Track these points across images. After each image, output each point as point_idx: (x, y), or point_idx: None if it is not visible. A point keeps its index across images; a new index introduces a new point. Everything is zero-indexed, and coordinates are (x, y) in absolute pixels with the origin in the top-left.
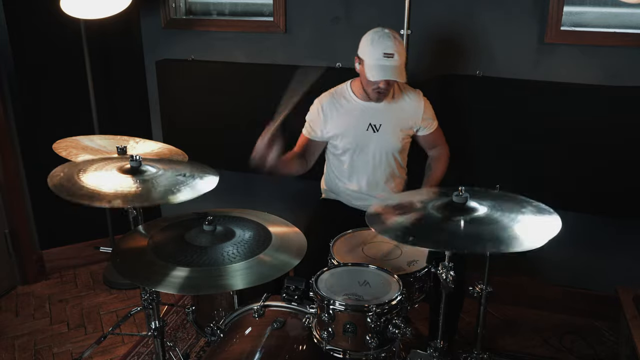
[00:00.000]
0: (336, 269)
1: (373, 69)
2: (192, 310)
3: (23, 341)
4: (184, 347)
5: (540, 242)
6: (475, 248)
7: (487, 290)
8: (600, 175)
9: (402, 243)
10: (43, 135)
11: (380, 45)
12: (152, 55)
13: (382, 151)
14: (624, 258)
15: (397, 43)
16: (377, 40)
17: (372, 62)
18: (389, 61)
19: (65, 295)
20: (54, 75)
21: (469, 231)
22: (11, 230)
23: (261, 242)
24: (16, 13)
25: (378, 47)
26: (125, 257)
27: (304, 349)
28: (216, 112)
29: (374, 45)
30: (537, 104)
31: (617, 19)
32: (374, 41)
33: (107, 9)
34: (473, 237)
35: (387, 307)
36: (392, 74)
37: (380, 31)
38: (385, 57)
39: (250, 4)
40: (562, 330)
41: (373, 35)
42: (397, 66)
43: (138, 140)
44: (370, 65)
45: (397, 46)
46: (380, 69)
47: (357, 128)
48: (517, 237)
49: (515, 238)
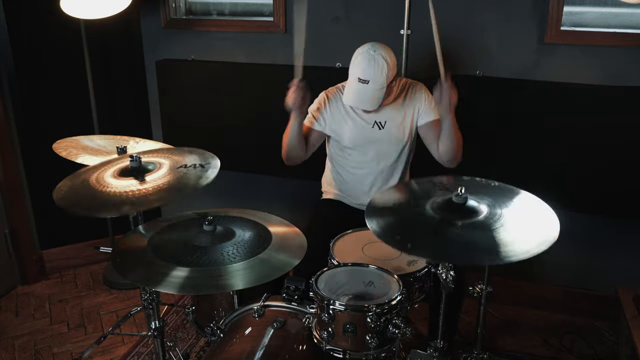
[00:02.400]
0: (336, 269)
1: (347, 91)
2: (192, 310)
3: (23, 341)
4: (184, 347)
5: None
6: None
7: (487, 290)
8: (600, 175)
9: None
10: (43, 135)
11: (357, 68)
12: (152, 55)
13: (387, 148)
14: (624, 258)
15: (376, 68)
16: (357, 60)
17: (348, 82)
18: (362, 86)
19: (65, 295)
20: (54, 75)
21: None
22: (11, 230)
23: (261, 242)
24: (16, 13)
25: (356, 69)
26: (125, 257)
27: (304, 349)
28: (216, 112)
29: (353, 66)
30: (537, 104)
31: (617, 19)
32: (354, 61)
33: (107, 9)
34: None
35: (387, 307)
36: (361, 101)
37: (365, 52)
38: (359, 82)
39: (250, 4)
40: (562, 330)
41: (358, 53)
42: (369, 92)
43: (138, 140)
44: (347, 85)
45: (374, 72)
46: (352, 94)
47: (363, 126)
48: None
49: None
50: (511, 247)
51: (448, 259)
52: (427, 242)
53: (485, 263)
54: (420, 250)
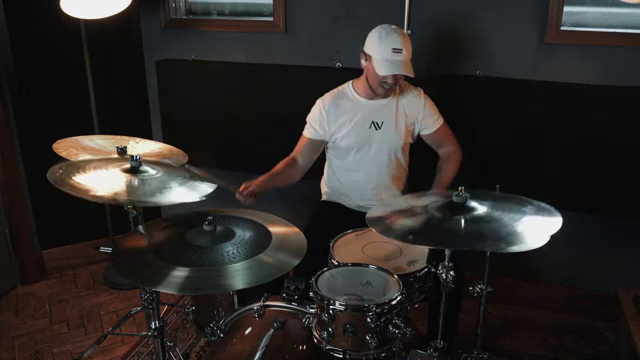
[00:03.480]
0: (336, 269)
1: (382, 64)
2: (192, 310)
3: (23, 341)
4: (184, 347)
5: (542, 241)
6: (475, 246)
7: (487, 290)
8: (600, 175)
9: (402, 241)
10: (43, 135)
11: (388, 41)
12: (152, 55)
13: (384, 149)
14: (624, 258)
15: (405, 39)
16: (385, 36)
17: (381, 57)
18: (397, 56)
19: (65, 295)
20: (54, 75)
21: (469, 229)
22: (11, 230)
23: (261, 242)
24: (16, 13)
25: (387, 42)
26: (125, 257)
27: (304, 349)
28: (216, 112)
29: (383, 41)
30: (537, 104)
31: (617, 19)
32: (382, 37)
33: (107, 9)
34: (473, 235)
35: (387, 307)
36: (400, 68)
37: (387, 27)
38: (394, 53)
39: (250, 4)
40: (562, 330)
41: (381, 32)
42: (405, 61)
43: (138, 140)
44: (379, 61)
45: (404, 42)
46: (389, 64)
47: (360, 126)
48: (517, 235)
49: (515, 236)
50: (513, 236)
51: (449, 244)
52: (428, 233)
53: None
54: (422, 239)
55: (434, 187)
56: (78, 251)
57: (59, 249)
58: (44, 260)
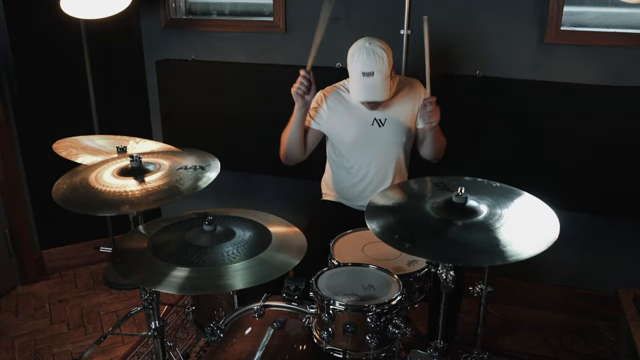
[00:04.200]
0: (336, 269)
1: (354, 89)
2: (192, 310)
3: (23, 341)
4: (184, 347)
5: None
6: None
7: (487, 290)
8: (600, 175)
9: (398, 250)
10: (43, 135)
11: (358, 63)
12: (152, 55)
13: (387, 146)
14: (624, 258)
15: (377, 59)
16: (356, 56)
17: (353, 81)
18: (368, 80)
19: (65, 295)
20: (54, 75)
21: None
22: (11, 230)
23: (261, 242)
24: (16, 13)
25: (356, 64)
26: (125, 257)
27: (304, 349)
28: (216, 112)
29: (353, 62)
30: (537, 104)
31: (617, 19)
32: (353, 57)
33: (107, 9)
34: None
35: (387, 307)
36: (372, 94)
37: (361, 46)
38: (364, 76)
39: (250, 4)
40: (562, 330)
41: (354, 50)
42: (377, 84)
43: (138, 140)
44: (352, 84)
45: (375, 63)
46: (360, 89)
47: (363, 123)
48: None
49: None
50: (510, 247)
51: (446, 259)
52: (425, 242)
53: (484, 264)
54: (419, 250)
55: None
56: (78, 251)
57: (59, 249)
58: (44, 260)
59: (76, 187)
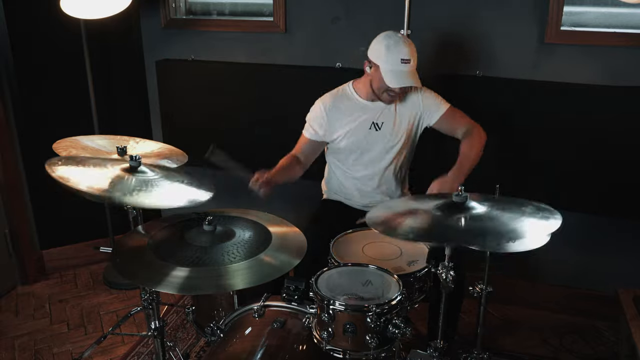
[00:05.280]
0: (336, 269)
1: (390, 75)
2: (192, 310)
3: (23, 341)
4: (184, 347)
5: (542, 241)
6: (475, 243)
7: (487, 290)
8: (600, 175)
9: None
10: (43, 135)
11: (397, 51)
12: (152, 55)
13: (386, 149)
14: (624, 258)
15: (412, 48)
16: (393, 46)
17: (389, 68)
18: (406, 67)
19: (65, 295)
20: (54, 75)
21: (469, 226)
22: (11, 230)
23: (261, 242)
24: (16, 13)
25: (395, 53)
26: (125, 257)
27: (304, 349)
28: (216, 112)
29: (391, 51)
30: (537, 104)
31: (617, 19)
32: (390, 47)
33: (107, 9)
34: (474, 232)
35: (387, 307)
36: (410, 80)
37: (394, 36)
38: (402, 63)
39: (250, 4)
40: (562, 330)
41: (388, 41)
42: (413, 71)
43: (138, 140)
44: (387, 71)
45: (412, 52)
46: (398, 75)
47: (361, 127)
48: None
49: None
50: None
51: (449, 241)
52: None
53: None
54: (423, 236)
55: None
56: (78, 251)
57: (59, 249)
58: (44, 260)
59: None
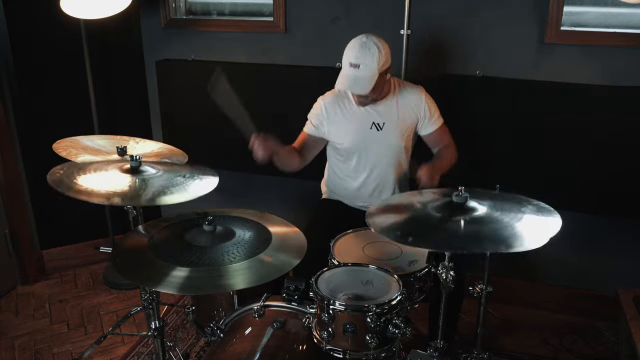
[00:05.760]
0: (336, 269)
1: (339, 77)
2: (192, 310)
3: (23, 341)
4: (184, 347)
5: (541, 242)
6: (474, 248)
7: (487, 290)
8: (600, 175)
9: (401, 243)
10: (43, 135)
11: (349, 54)
12: (152, 55)
13: (386, 150)
14: (624, 258)
15: (367, 53)
16: (349, 48)
17: (342, 69)
18: (353, 71)
19: (65, 295)
20: (54, 75)
21: (469, 231)
22: (11, 230)
23: (261, 242)
24: (16, 13)
25: (347, 54)
26: (125, 257)
27: (304, 349)
28: (216, 112)
29: (346, 53)
30: (537, 104)
31: (617, 19)
32: (348, 48)
33: (107, 9)
34: (472, 237)
35: (387, 307)
36: (352, 85)
37: (359, 39)
38: (350, 67)
39: (250, 4)
40: (562, 330)
41: (351, 43)
42: (361, 78)
43: (138, 140)
44: (341, 72)
45: (364, 57)
46: (344, 78)
47: (361, 127)
48: (517, 236)
49: (515, 237)
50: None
51: (448, 247)
52: (427, 234)
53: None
54: (421, 242)
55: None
56: (78, 251)
57: (59, 249)
58: (44, 260)
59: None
